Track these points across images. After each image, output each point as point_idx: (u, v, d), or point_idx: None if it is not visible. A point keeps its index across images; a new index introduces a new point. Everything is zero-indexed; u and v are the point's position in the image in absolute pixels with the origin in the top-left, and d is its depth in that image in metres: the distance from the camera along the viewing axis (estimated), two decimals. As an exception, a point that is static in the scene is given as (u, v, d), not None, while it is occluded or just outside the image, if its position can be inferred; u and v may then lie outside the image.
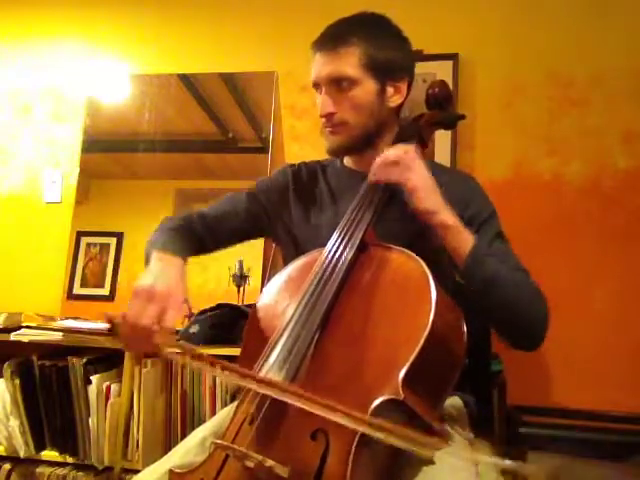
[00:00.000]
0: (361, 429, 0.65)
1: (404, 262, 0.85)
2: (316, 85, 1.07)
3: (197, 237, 1.11)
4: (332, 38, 1.05)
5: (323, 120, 1.07)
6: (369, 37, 1.04)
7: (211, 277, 1.90)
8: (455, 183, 0.99)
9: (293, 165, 1.23)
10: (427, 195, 0.93)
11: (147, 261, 0.99)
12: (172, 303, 0.85)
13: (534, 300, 0.95)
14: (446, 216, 0.93)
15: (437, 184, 0.95)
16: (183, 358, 0.82)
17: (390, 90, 1.07)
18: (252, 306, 1.00)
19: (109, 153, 2.19)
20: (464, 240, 0.93)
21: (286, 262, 1.12)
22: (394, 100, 1.08)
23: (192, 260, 1.21)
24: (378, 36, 1.05)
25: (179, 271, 0.95)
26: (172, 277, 0.91)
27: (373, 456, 0.73)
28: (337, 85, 1.04)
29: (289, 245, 1.16)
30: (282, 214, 1.17)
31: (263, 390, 0.74)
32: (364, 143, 1.08)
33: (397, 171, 0.95)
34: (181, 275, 0.95)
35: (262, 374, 0.79)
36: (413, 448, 0.61)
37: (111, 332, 0.85)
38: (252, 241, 1.26)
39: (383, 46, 1.05)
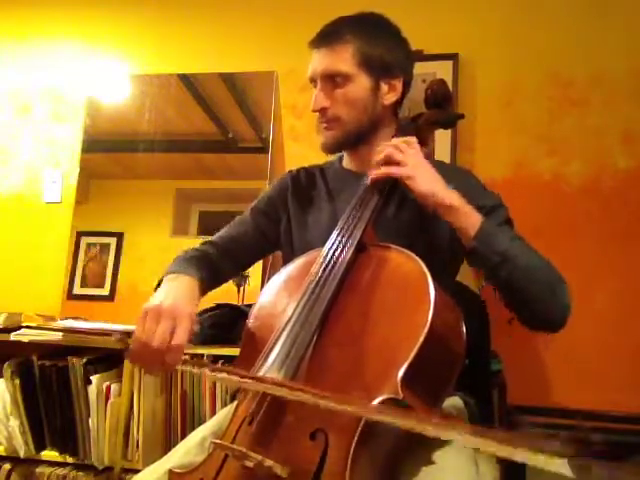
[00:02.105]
0: (367, 415, 0.64)
1: (403, 262, 0.85)
2: (312, 81, 1.09)
3: (213, 264, 1.10)
4: (327, 35, 1.07)
5: (318, 116, 1.08)
6: (364, 35, 1.05)
7: (211, 277, 1.90)
8: (454, 180, 0.99)
9: (292, 171, 1.25)
10: (422, 178, 0.93)
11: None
12: (180, 320, 0.84)
13: (551, 275, 0.94)
14: (447, 196, 0.93)
15: None
16: (200, 371, 0.81)
17: (384, 87, 1.07)
18: (251, 306, 1.00)
19: (109, 153, 2.19)
20: (471, 219, 0.92)
21: (285, 263, 1.12)
22: (388, 98, 1.08)
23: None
24: (373, 34, 1.07)
25: (189, 288, 0.94)
26: (180, 294, 0.90)
27: (372, 456, 0.73)
28: (331, 81, 1.05)
29: (289, 247, 1.16)
30: (282, 217, 1.18)
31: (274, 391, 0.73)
32: (358, 139, 1.09)
33: (384, 168, 0.96)
34: (191, 291, 0.94)
35: (261, 374, 0.79)
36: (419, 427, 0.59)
37: (127, 357, 0.85)
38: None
39: (378, 44, 1.06)
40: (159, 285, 0.98)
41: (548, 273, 0.95)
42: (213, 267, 1.09)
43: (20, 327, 1.62)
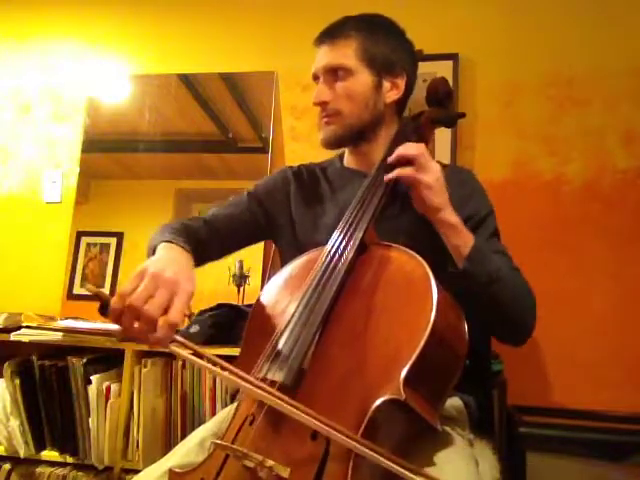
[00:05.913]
0: (351, 445, 0.65)
1: (405, 261, 0.84)
2: (315, 78, 1.10)
3: (201, 242, 1.05)
4: (331, 32, 1.08)
5: (319, 110, 1.08)
6: (367, 32, 1.06)
7: (211, 277, 1.89)
8: (455, 180, 0.99)
9: (293, 166, 1.24)
10: (437, 193, 0.93)
11: (152, 254, 0.92)
12: (180, 295, 0.76)
13: (528, 298, 0.98)
14: (450, 215, 0.94)
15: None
16: (183, 354, 0.79)
17: (387, 85, 1.08)
18: (252, 306, 1.00)
19: (109, 153, 2.19)
20: (465, 238, 0.93)
21: (286, 262, 1.11)
22: (390, 95, 1.09)
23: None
24: (376, 32, 1.08)
25: (188, 264, 0.90)
26: (182, 266, 0.85)
27: (374, 456, 0.73)
28: (333, 75, 1.06)
29: (291, 245, 1.15)
30: (283, 214, 1.17)
31: (259, 396, 0.73)
32: (358, 135, 1.09)
33: (411, 170, 0.93)
34: (190, 267, 0.90)
35: (262, 374, 0.79)
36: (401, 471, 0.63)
37: (103, 313, 0.75)
38: (252, 241, 1.25)
39: (381, 42, 1.07)
40: (154, 252, 0.92)
41: (528, 293, 0.98)
42: (200, 245, 1.02)
43: (20, 327, 1.62)
